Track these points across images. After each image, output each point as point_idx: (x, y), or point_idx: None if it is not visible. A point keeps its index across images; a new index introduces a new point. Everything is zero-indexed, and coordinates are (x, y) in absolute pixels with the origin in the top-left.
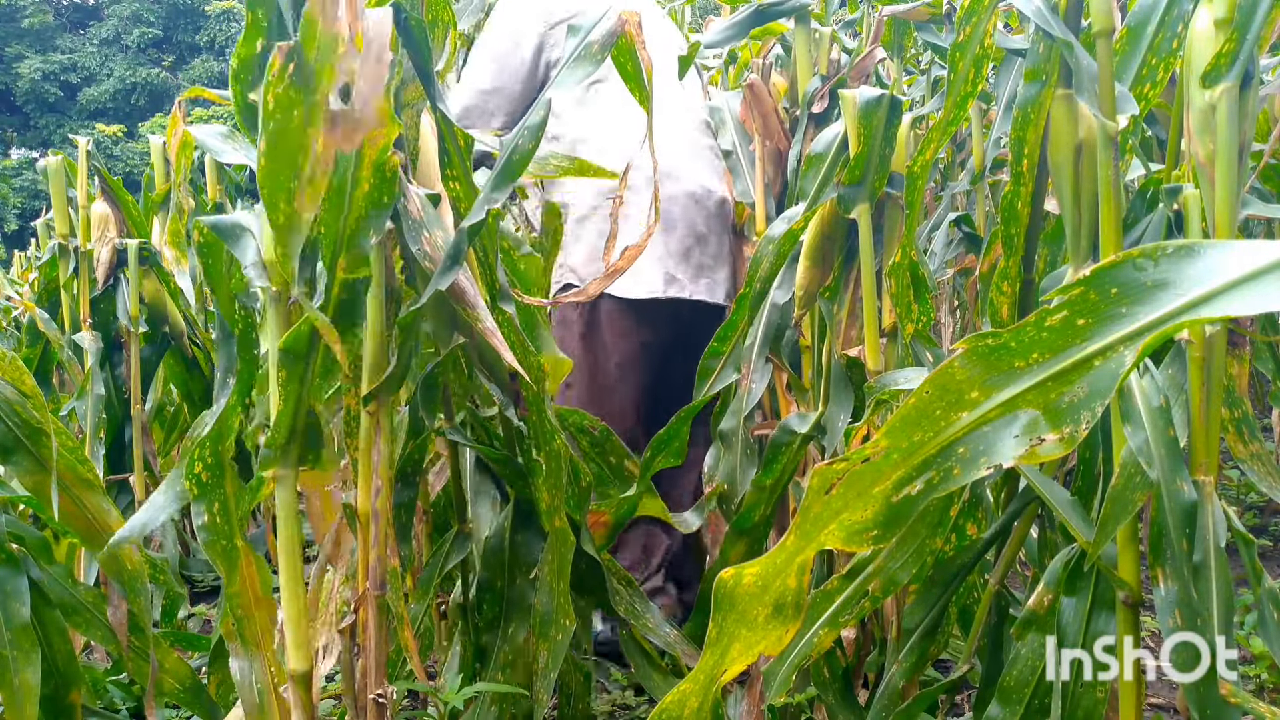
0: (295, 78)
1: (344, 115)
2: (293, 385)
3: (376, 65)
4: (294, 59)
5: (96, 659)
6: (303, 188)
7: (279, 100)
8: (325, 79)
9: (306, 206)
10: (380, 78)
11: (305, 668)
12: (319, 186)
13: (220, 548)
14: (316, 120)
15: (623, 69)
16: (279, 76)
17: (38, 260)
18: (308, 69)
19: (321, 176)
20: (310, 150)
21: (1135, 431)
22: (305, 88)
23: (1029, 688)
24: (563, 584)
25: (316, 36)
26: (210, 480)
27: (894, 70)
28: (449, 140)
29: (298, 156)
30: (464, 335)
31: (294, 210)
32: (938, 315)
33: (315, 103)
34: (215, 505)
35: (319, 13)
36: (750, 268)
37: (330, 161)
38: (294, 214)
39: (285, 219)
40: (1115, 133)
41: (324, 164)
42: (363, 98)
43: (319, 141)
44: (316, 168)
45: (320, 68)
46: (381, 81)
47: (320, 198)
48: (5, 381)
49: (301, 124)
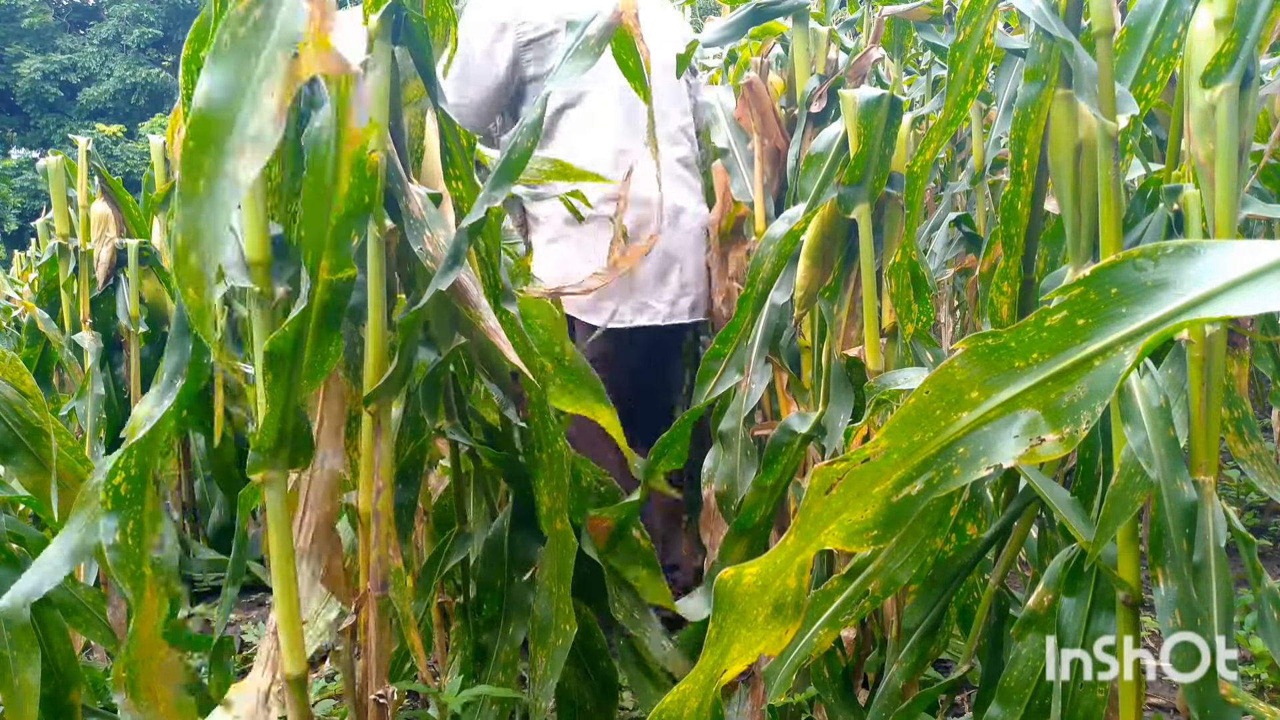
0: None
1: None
2: (279, 388)
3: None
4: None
5: (96, 659)
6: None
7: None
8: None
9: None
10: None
11: (300, 671)
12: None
13: (129, 572)
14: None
15: (622, 62)
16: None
17: (38, 260)
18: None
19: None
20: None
21: (1135, 431)
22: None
23: (1029, 688)
24: (563, 588)
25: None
26: (130, 494)
27: (894, 70)
28: (451, 139)
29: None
30: (465, 335)
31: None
32: (938, 315)
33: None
34: (130, 523)
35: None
36: (750, 268)
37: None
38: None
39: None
40: (1115, 133)
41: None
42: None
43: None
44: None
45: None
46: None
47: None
48: (5, 381)
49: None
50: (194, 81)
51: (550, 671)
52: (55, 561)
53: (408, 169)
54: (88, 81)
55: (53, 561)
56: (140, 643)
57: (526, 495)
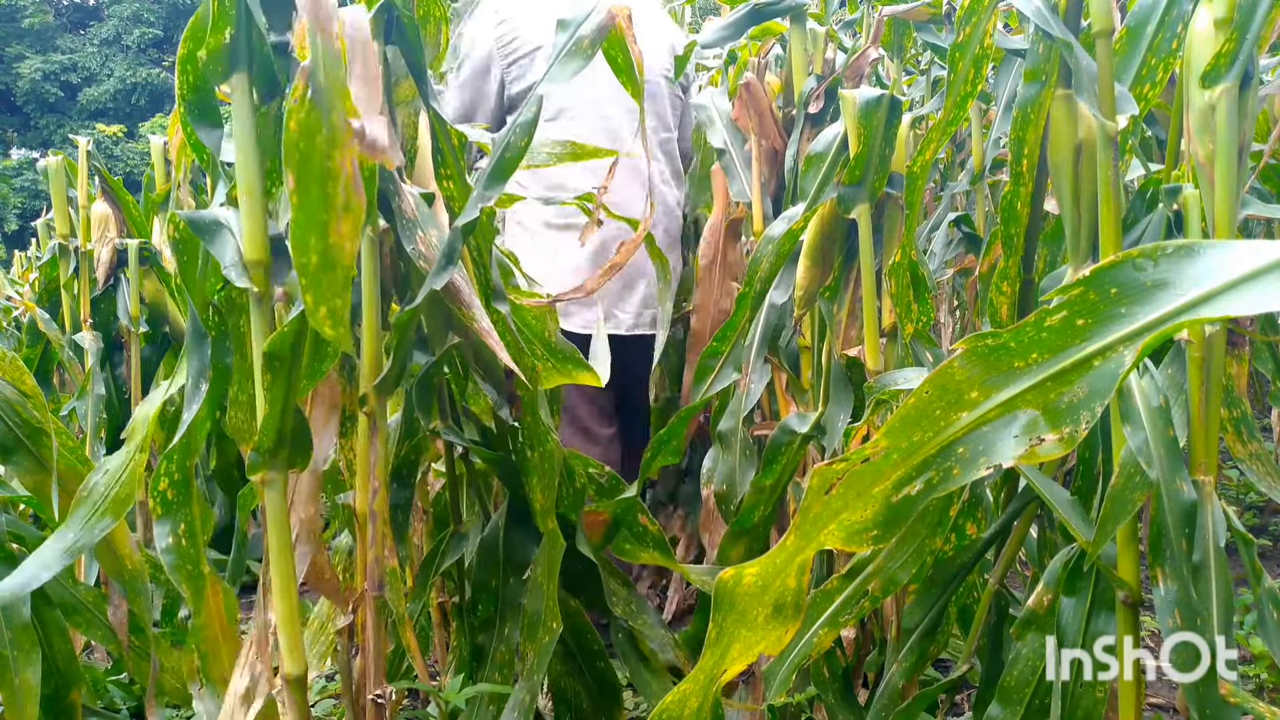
0: (314, 99)
1: (361, 134)
2: (278, 388)
3: (365, 65)
4: (311, 80)
5: (96, 659)
6: (338, 215)
7: (303, 126)
8: (339, 98)
9: (347, 236)
10: (375, 77)
11: (299, 671)
12: (358, 212)
13: (186, 572)
14: (340, 141)
15: (613, 62)
16: (301, 102)
17: (38, 260)
18: (322, 90)
19: (357, 201)
20: (340, 174)
21: (1135, 431)
22: (323, 109)
23: (1029, 688)
24: (552, 585)
25: (319, 52)
26: (176, 498)
27: (894, 70)
28: (443, 139)
29: (327, 184)
30: (459, 335)
31: (330, 244)
32: (938, 315)
33: (335, 124)
34: (181, 526)
35: (316, 27)
36: (749, 268)
37: (361, 183)
38: (332, 247)
39: (319, 256)
40: (1115, 133)
41: (356, 187)
42: (362, 104)
43: (347, 162)
44: (350, 192)
45: (331, 86)
46: (377, 81)
47: (361, 224)
48: (5, 381)
49: (325, 147)
50: (189, 81)
51: (537, 666)
52: (49, 556)
53: (401, 169)
54: (88, 81)
55: (47, 557)
56: (209, 637)
57: (521, 495)
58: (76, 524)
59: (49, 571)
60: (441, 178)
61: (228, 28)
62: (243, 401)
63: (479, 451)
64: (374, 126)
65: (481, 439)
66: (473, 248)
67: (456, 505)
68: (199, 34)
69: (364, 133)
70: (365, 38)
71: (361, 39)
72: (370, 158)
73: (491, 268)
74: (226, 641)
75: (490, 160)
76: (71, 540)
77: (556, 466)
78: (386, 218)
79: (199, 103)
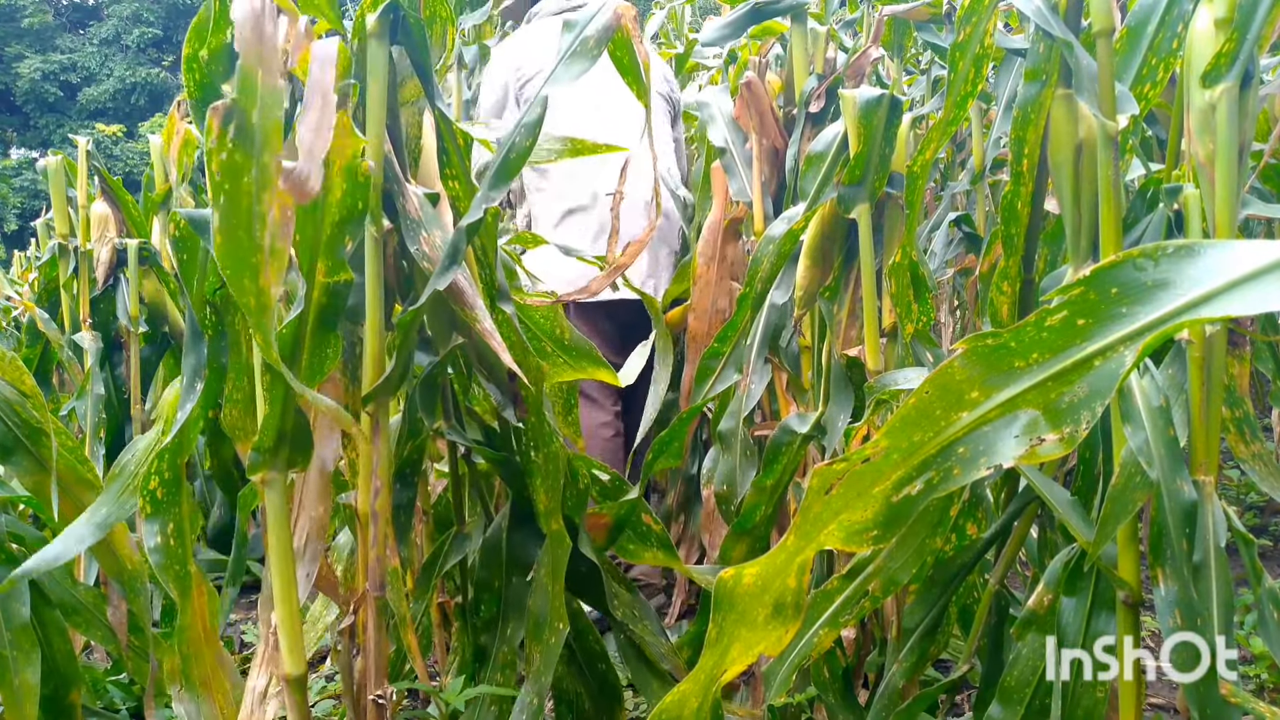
0: (238, 140)
1: (289, 174)
2: (278, 388)
3: (321, 113)
4: (232, 119)
5: (96, 659)
6: (266, 261)
7: (224, 168)
8: (273, 138)
9: (273, 281)
10: (325, 125)
11: (299, 671)
12: (283, 256)
13: (174, 573)
14: (269, 183)
15: (619, 63)
16: (220, 142)
17: (38, 260)
18: (252, 129)
19: (283, 244)
20: (267, 218)
21: (1135, 431)
22: (252, 149)
23: (1029, 688)
24: (557, 586)
25: (258, 91)
26: (166, 497)
27: (894, 70)
28: (448, 139)
29: (254, 227)
30: (463, 336)
31: (261, 287)
32: (938, 315)
33: (265, 164)
34: (170, 526)
35: (256, 63)
36: (750, 268)
37: (290, 226)
38: (262, 291)
39: (255, 299)
40: (1115, 133)
41: (284, 230)
42: (305, 148)
43: (274, 207)
44: (276, 235)
45: (266, 126)
46: (327, 128)
47: (285, 269)
48: (5, 381)
49: (253, 190)
50: (196, 80)
51: (544, 668)
52: (81, 531)
53: (405, 169)
54: (88, 81)
55: (79, 533)
56: (191, 639)
57: (524, 496)
58: (109, 500)
59: (82, 545)
60: (446, 178)
61: (229, 28)
62: (238, 400)
63: (482, 452)
64: (309, 169)
65: (485, 439)
66: (477, 248)
67: (459, 506)
68: (202, 34)
69: (293, 172)
70: (328, 85)
71: (325, 86)
72: (297, 199)
73: (496, 268)
74: (209, 643)
75: (495, 161)
76: (104, 516)
77: (561, 468)
78: (390, 218)
79: (207, 101)
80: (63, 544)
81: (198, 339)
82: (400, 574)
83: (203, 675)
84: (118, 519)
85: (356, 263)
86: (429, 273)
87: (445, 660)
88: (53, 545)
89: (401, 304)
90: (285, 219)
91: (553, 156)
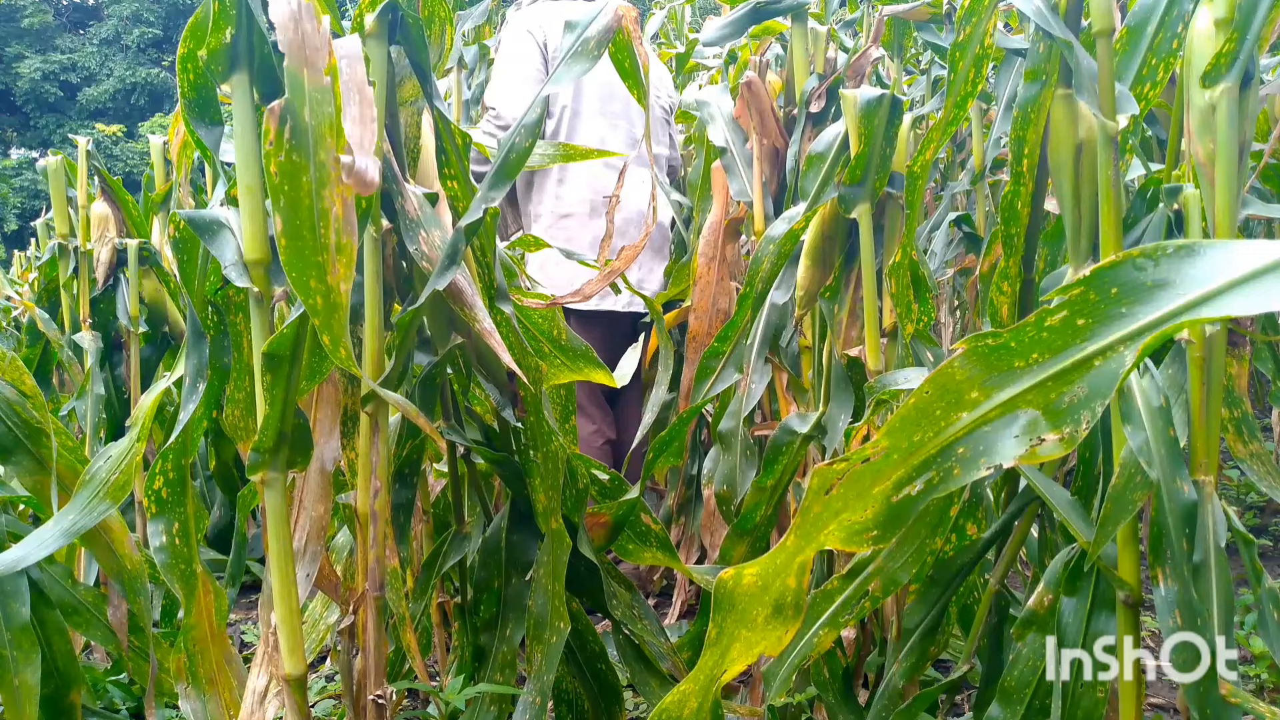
0: (294, 141)
1: (350, 168)
2: (278, 389)
3: (361, 107)
4: (288, 120)
5: (96, 659)
6: (333, 258)
7: (284, 169)
8: (327, 134)
9: (343, 277)
10: (371, 118)
11: (300, 671)
12: (350, 252)
13: (179, 572)
14: (328, 180)
15: (620, 65)
16: (277, 144)
17: (38, 260)
18: (305, 128)
19: (348, 239)
20: (330, 215)
21: (1135, 431)
22: (307, 148)
23: (1029, 688)
24: (558, 586)
25: (305, 89)
26: (171, 497)
27: (894, 70)
28: (446, 139)
29: (318, 225)
30: (462, 335)
31: (330, 286)
32: (938, 315)
33: (321, 162)
34: (175, 525)
35: (301, 63)
36: (750, 268)
37: (354, 221)
38: (331, 289)
39: (323, 299)
40: (1115, 133)
41: (348, 225)
42: (356, 141)
43: (337, 203)
44: (341, 231)
45: (319, 123)
46: (373, 123)
47: (354, 263)
48: (5, 381)
49: (313, 188)
50: (190, 80)
51: (546, 667)
52: (48, 535)
53: (404, 169)
54: (88, 81)
55: (46, 536)
56: (197, 637)
57: (524, 496)
58: (77, 507)
59: (45, 550)
60: (445, 178)
61: (228, 27)
62: (239, 400)
63: (482, 452)
64: (366, 162)
65: (484, 439)
66: (476, 248)
67: (459, 506)
68: (199, 33)
69: (353, 166)
70: (361, 78)
71: (358, 80)
72: (360, 191)
73: (495, 268)
74: (215, 642)
75: (494, 161)
76: (70, 522)
77: (560, 467)
78: (389, 218)
79: (200, 102)
80: (24, 549)
81: (200, 339)
82: (400, 574)
83: (209, 673)
84: (85, 527)
85: (356, 263)
86: (428, 273)
87: (445, 660)
88: (14, 550)
89: (401, 304)
90: (349, 214)
91: (544, 162)
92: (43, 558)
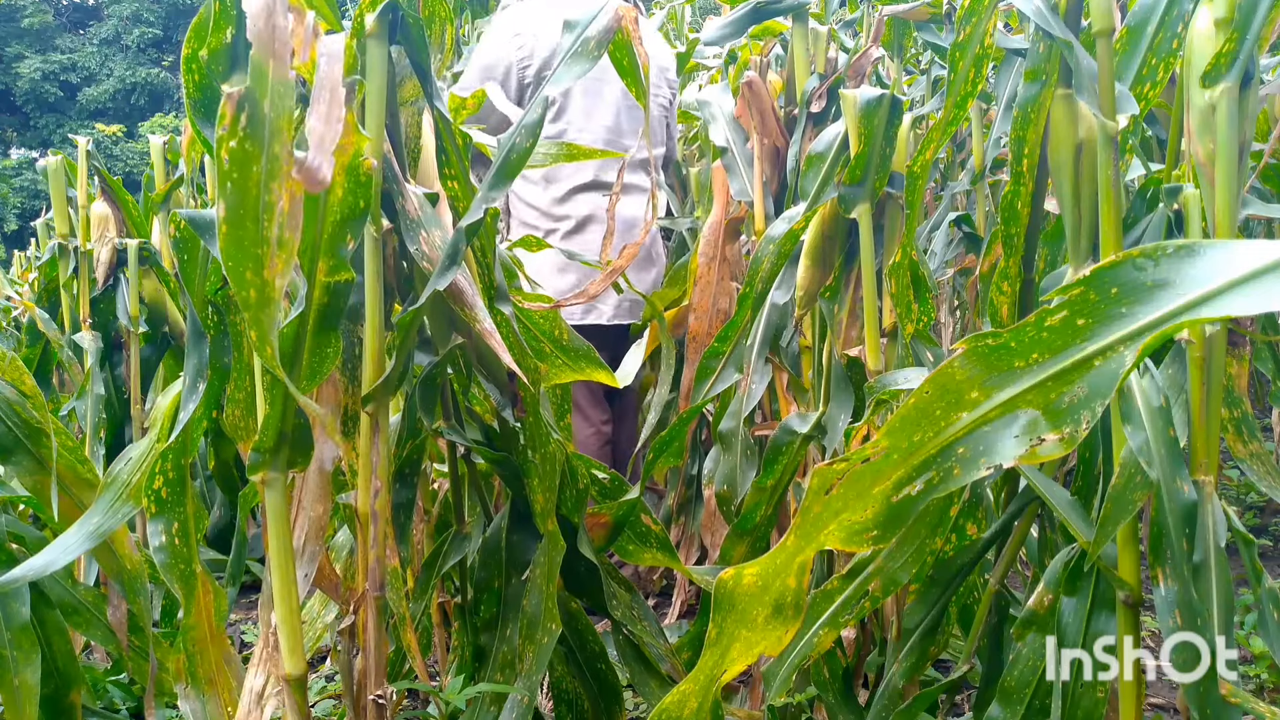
0: (249, 130)
1: (302, 164)
2: (279, 389)
3: (330, 106)
4: (245, 107)
5: (96, 659)
6: (273, 252)
7: (234, 156)
8: (284, 128)
9: (279, 272)
10: (335, 116)
11: (300, 671)
12: (290, 248)
13: (179, 572)
14: (279, 173)
15: (619, 65)
16: (231, 129)
17: (38, 260)
18: (263, 118)
19: (291, 234)
20: (275, 209)
21: (1135, 431)
22: (262, 138)
23: (1029, 688)
24: (551, 587)
25: (269, 81)
26: (170, 497)
27: (894, 70)
28: (447, 139)
29: (261, 217)
30: (463, 335)
31: (266, 280)
32: (938, 315)
33: (275, 154)
34: (175, 525)
35: (268, 54)
36: (750, 268)
37: (300, 217)
38: (266, 284)
39: (256, 292)
40: (1115, 132)
41: (292, 221)
42: (316, 139)
43: (284, 197)
44: (284, 226)
45: (277, 116)
46: (337, 119)
47: (292, 261)
48: (5, 381)
49: (262, 179)
50: (194, 80)
51: (536, 667)
52: (71, 541)
53: (404, 169)
54: (88, 81)
55: (68, 542)
56: (197, 637)
57: (524, 496)
58: (100, 510)
59: (71, 555)
60: (446, 178)
61: (229, 27)
62: (239, 399)
63: (482, 452)
64: (321, 160)
65: (484, 439)
66: (476, 248)
67: (459, 506)
68: (201, 34)
69: (305, 162)
70: (336, 78)
71: (333, 79)
72: (310, 189)
73: (495, 268)
74: (215, 642)
75: (495, 161)
76: (95, 525)
77: (558, 468)
78: (390, 218)
79: (205, 102)
80: (51, 553)
81: (200, 339)
82: (400, 574)
83: (208, 673)
84: (109, 529)
85: (356, 263)
86: (428, 273)
87: (445, 660)
88: (42, 554)
89: (401, 304)
90: (295, 210)
91: (546, 161)
92: (69, 562)
